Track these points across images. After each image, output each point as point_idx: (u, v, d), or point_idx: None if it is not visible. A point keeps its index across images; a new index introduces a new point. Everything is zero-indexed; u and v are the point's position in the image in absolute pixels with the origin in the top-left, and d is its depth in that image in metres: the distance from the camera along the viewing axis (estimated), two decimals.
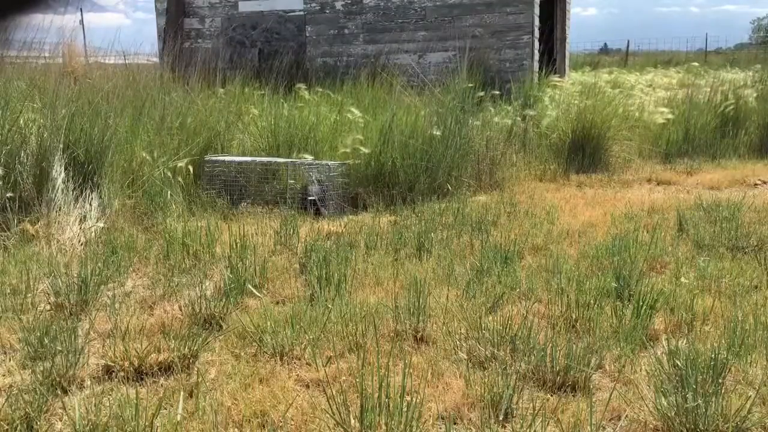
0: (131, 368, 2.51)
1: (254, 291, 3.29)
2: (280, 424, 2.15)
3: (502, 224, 4.65)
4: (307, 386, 2.42)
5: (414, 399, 2.11)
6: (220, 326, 2.93)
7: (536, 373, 2.43)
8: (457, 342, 2.71)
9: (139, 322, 2.93)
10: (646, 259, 3.65)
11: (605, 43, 40.74)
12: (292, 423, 2.16)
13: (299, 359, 2.62)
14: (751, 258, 3.76)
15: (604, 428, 2.16)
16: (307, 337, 2.72)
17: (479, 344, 2.64)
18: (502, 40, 10.71)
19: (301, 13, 11.54)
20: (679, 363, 2.27)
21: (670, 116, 7.61)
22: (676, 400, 2.11)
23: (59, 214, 4.28)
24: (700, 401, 2.06)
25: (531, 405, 2.23)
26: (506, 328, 2.66)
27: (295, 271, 3.65)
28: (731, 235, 4.07)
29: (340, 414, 2.06)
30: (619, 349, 2.61)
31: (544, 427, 2.09)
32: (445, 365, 2.54)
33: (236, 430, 2.15)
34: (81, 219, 4.35)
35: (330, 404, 2.09)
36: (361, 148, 5.61)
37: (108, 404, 2.21)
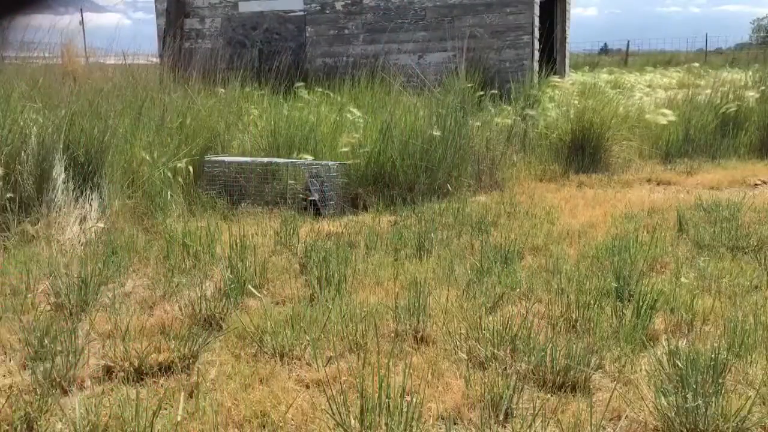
0: (131, 368, 2.51)
1: (254, 291, 3.29)
2: (281, 425, 2.15)
3: (502, 224, 4.65)
4: (307, 386, 2.42)
5: (414, 399, 2.11)
6: (220, 326, 2.93)
7: (536, 373, 2.43)
8: (457, 342, 2.70)
9: (139, 322, 2.93)
10: (646, 260, 3.65)
11: (605, 44, 40.76)
12: (293, 423, 2.16)
13: (299, 359, 2.62)
14: (751, 258, 3.76)
15: (604, 428, 2.16)
16: (307, 338, 2.71)
17: (479, 344, 2.64)
18: (502, 40, 10.70)
19: (301, 13, 11.54)
20: (679, 363, 2.27)
21: (672, 118, 7.60)
22: (676, 400, 2.11)
23: (59, 215, 4.28)
24: (700, 401, 2.06)
25: (531, 405, 2.23)
26: (506, 328, 2.66)
27: (295, 272, 3.65)
28: (731, 235, 4.07)
29: (340, 414, 2.06)
30: (619, 349, 2.61)
31: (544, 427, 2.10)
32: (445, 365, 2.54)
33: (236, 430, 2.15)
34: (81, 219, 4.35)
35: (330, 404, 2.09)
36: (356, 143, 5.60)
37: (108, 404, 2.21)
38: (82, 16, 9.72)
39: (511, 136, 7.12)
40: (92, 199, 4.49)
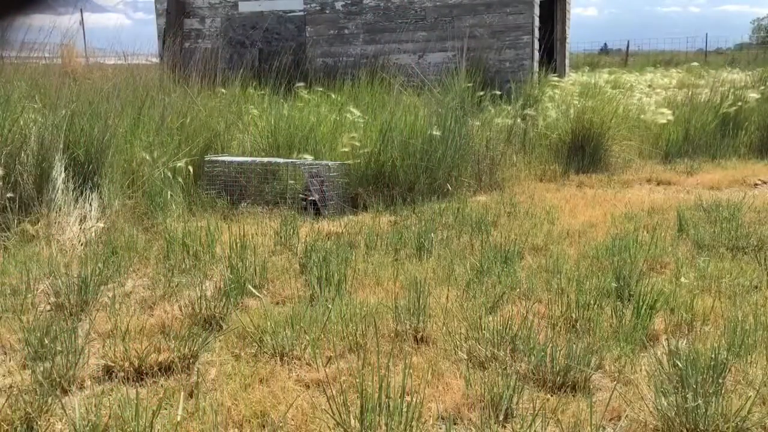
0: (131, 368, 2.51)
1: (254, 291, 3.29)
2: (280, 425, 2.15)
3: (502, 224, 4.65)
4: (307, 386, 2.42)
5: (414, 399, 2.11)
6: (220, 326, 2.93)
7: (536, 373, 2.42)
8: (457, 342, 2.70)
9: (139, 322, 2.93)
10: (646, 260, 3.65)
11: (605, 43, 40.63)
12: (292, 423, 2.16)
13: (299, 359, 2.62)
14: (751, 258, 3.76)
15: (604, 428, 2.16)
16: (307, 338, 2.71)
17: (479, 344, 2.64)
18: (502, 40, 10.71)
19: (301, 13, 11.54)
20: (679, 363, 2.27)
21: (671, 117, 7.60)
22: (676, 401, 2.11)
23: (59, 215, 4.28)
24: (700, 401, 2.06)
25: (531, 405, 2.23)
26: (506, 328, 2.66)
27: (295, 272, 3.65)
28: (731, 235, 4.07)
29: (340, 414, 2.06)
30: (619, 349, 2.61)
31: (544, 427, 2.10)
32: (445, 365, 2.54)
33: (236, 430, 2.15)
34: (81, 219, 4.35)
35: (330, 404, 2.09)
36: (356, 143, 5.61)
37: (108, 404, 2.21)
38: (82, 16, 9.71)
39: (511, 136, 7.12)
40: (92, 199, 4.49)
